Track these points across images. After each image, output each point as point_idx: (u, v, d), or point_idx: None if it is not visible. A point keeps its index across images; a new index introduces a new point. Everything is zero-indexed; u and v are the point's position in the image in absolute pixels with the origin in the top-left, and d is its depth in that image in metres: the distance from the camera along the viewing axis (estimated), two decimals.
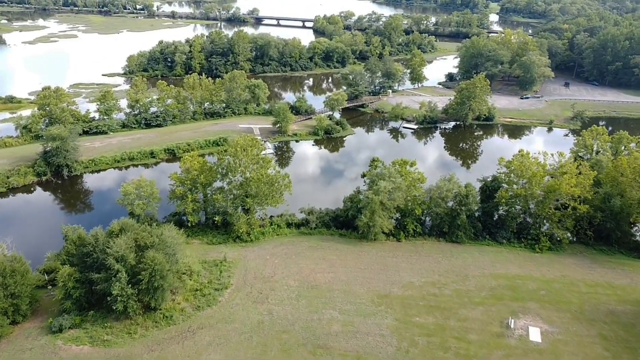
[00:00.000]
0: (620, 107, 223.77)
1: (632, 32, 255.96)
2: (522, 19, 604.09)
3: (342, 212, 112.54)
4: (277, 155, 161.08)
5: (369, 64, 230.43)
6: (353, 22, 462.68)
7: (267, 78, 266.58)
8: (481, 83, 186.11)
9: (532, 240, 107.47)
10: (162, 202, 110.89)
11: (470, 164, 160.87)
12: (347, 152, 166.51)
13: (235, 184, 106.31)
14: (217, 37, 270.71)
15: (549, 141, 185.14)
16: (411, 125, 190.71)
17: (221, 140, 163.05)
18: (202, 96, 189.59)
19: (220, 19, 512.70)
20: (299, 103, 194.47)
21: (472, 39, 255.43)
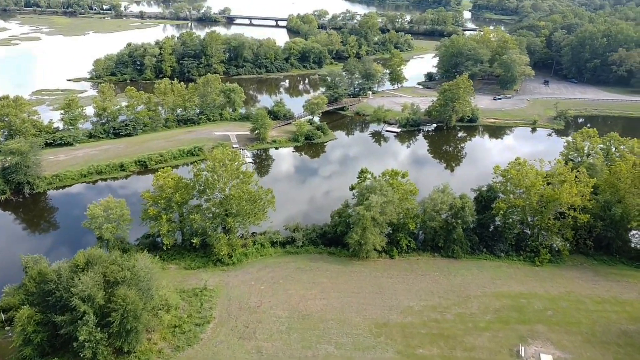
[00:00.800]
0: (601, 105, 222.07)
1: (609, 29, 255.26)
2: (495, 16, 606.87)
3: (330, 228, 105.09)
4: (256, 164, 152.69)
5: (348, 65, 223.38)
6: (327, 20, 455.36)
7: (242, 80, 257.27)
8: (464, 84, 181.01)
9: (532, 253, 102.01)
10: (135, 222, 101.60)
11: (458, 168, 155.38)
12: (330, 159, 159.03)
13: (214, 202, 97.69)
14: (189, 39, 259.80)
15: (534, 142, 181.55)
16: (394, 128, 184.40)
17: (196, 149, 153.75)
18: (175, 102, 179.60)
19: (191, 19, 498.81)
20: (277, 107, 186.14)
21: (451, 38, 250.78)
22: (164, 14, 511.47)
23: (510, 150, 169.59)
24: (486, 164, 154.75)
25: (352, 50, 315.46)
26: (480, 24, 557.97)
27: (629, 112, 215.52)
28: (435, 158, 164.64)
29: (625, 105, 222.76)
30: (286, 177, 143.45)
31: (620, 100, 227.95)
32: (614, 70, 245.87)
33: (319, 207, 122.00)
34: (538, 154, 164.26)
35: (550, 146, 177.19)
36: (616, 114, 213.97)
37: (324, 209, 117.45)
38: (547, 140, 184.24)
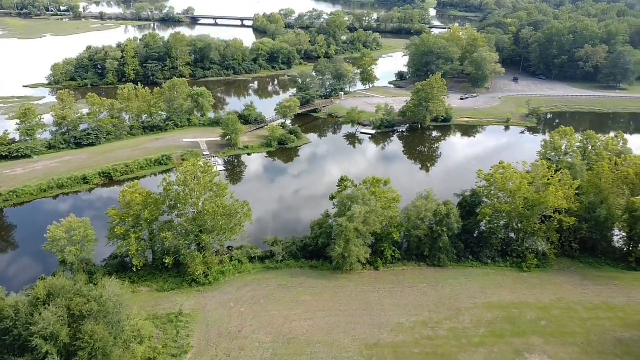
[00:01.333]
0: (570, 101, 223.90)
1: (575, 25, 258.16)
2: (459, 13, 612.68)
3: (310, 240, 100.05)
4: (228, 172, 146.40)
5: (318, 65, 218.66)
6: (294, 19, 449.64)
7: (209, 83, 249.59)
8: (437, 83, 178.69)
9: (518, 258, 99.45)
10: (101, 240, 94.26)
11: (437, 170, 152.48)
12: (305, 164, 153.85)
13: (186, 217, 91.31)
14: (152, 41, 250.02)
15: (508, 140, 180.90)
16: (368, 130, 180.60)
17: (164, 158, 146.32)
18: (139, 108, 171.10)
19: (153, 20, 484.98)
20: (247, 111, 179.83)
21: (421, 36, 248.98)
22: (124, 15, 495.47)
23: (486, 149, 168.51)
24: (464, 165, 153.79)
25: (321, 50, 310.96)
26: (445, 21, 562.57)
27: (597, 107, 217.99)
28: (413, 160, 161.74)
29: (593, 100, 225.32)
30: (261, 186, 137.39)
31: (588, 95, 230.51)
32: (581, 66, 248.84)
33: (298, 217, 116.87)
34: (514, 153, 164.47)
35: (525, 144, 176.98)
36: (585, 109, 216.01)
37: (303, 219, 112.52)
38: (522, 138, 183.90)
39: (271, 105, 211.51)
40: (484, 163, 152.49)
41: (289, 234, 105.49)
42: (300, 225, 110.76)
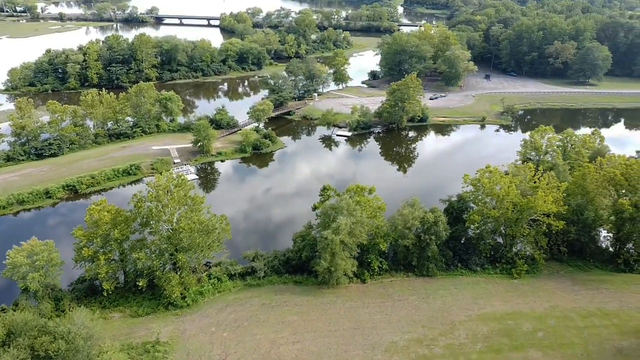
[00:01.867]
0: (543, 98, 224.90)
1: (544, 22, 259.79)
2: (426, 10, 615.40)
3: (293, 254, 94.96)
4: (202, 180, 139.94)
5: (291, 66, 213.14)
6: (262, 19, 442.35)
7: (177, 86, 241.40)
8: (413, 83, 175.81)
9: (507, 264, 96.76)
10: (67, 263, 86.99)
11: (418, 172, 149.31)
12: (282, 170, 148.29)
13: (161, 235, 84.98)
14: (116, 43, 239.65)
15: (486, 139, 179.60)
16: (344, 132, 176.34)
17: (133, 168, 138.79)
18: (105, 115, 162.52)
19: (116, 20, 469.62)
20: (219, 116, 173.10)
21: (393, 35, 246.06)
22: (85, 16, 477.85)
23: (465, 149, 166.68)
24: (445, 166, 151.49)
25: (292, 50, 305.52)
26: (412, 19, 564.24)
27: (569, 103, 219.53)
28: (392, 162, 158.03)
29: (565, 96, 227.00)
30: (237, 195, 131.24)
31: (559, 92, 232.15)
32: (551, 62, 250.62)
33: (278, 229, 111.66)
34: (493, 152, 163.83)
35: (502, 143, 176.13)
36: (557, 106, 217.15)
37: (284, 231, 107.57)
38: (498, 136, 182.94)
39: (243, 108, 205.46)
40: (464, 164, 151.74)
41: (270, 247, 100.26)
42: (281, 237, 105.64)
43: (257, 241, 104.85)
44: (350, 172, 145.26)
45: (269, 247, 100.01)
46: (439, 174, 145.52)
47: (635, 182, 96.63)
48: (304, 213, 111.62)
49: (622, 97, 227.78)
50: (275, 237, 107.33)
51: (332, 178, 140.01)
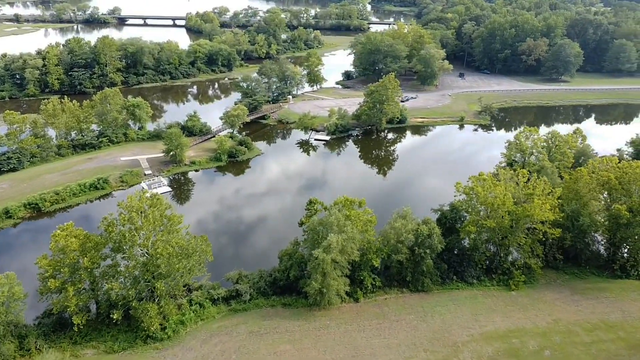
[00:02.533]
0: (518, 96, 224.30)
1: (516, 19, 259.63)
2: (394, 8, 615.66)
3: (280, 274, 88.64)
4: (175, 192, 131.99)
5: (263, 68, 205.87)
6: (229, 18, 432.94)
7: (143, 90, 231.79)
8: (391, 84, 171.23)
9: (504, 275, 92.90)
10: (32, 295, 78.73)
11: (401, 177, 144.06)
12: (260, 180, 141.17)
13: (136, 261, 77.43)
14: (77, 46, 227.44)
15: (466, 140, 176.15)
16: (323, 136, 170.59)
17: (101, 182, 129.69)
18: (68, 124, 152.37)
19: (76, 21, 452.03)
20: (191, 122, 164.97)
21: (367, 34, 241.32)
22: (43, 17, 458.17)
23: (447, 151, 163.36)
24: (430, 169, 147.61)
25: (262, 50, 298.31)
26: (381, 17, 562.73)
27: (544, 101, 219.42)
28: (374, 167, 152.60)
29: (540, 94, 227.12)
30: (214, 209, 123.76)
31: (534, 89, 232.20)
32: (524, 60, 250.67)
33: (262, 245, 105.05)
34: (476, 153, 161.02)
35: (482, 142, 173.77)
36: (534, 104, 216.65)
37: (269, 248, 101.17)
38: (477, 136, 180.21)
39: (216, 112, 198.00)
40: (448, 166, 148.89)
41: (254, 265, 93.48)
42: (266, 254, 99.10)
43: (240, 260, 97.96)
44: (332, 180, 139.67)
45: (253, 266, 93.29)
46: (424, 178, 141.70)
47: (630, 186, 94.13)
48: (289, 227, 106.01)
49: (595, 94, 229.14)
50: (259, 254, 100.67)
51: (314, 187, 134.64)
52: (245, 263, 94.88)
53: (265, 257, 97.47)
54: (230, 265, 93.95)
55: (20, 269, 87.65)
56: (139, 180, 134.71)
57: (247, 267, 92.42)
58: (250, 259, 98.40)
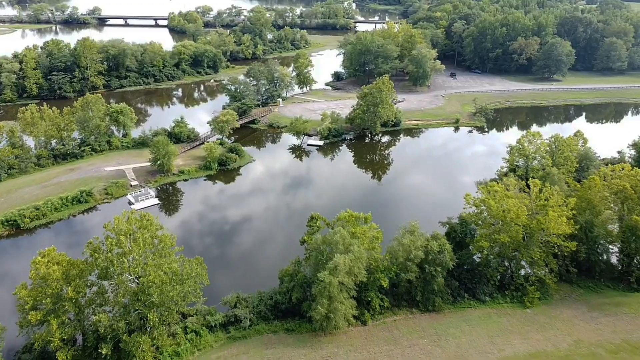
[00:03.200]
0: (511, 96, 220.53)
1: (507, 18, 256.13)
2: (379, 6, 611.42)
3: (282, 296, 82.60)
4: (163, 203, 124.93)
5: (252, 70, 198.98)
6: (213, 17, 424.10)
7: (127, 94, 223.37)
8: (386, 86, 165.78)
9: (517, 291, 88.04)
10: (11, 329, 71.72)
11: (401, 183, 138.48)
12: (253, 189, 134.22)
13: (125, 289, 70.71)
14: (56, 49, 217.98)
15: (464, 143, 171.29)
16: (316, 141, 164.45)
17: (84, 194, 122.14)
18: (47, 132, 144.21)
19: (55, 22, 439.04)
20: (178, 128, 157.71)
21: (357, 34, 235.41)
22: (20, 17, 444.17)
23: (446, 155, 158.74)
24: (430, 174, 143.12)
25: (248, 51, 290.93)
26: (365, 15, 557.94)
27: (538, 101, 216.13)
28: (371, 173, 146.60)
29: (533, 94, 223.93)
30: (205, 223, 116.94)
31: (527, 89, 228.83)
32: (515, 59, 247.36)
33: (259, 263, 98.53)
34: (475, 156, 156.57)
35: (481, 145, 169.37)
36: (528, 104, 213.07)
37: (267, 266, 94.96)
38: (473, 138, 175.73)
39: (203, 116, 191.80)
40: (449, 171, 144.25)
41: (253, 286, 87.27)
42: (264, 273, 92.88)
43: (236, 280, 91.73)
44: (329, 189, 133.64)
45: (251, 287, 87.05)
46: (424, 185, 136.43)
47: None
48: (287, 243, 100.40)
49: (588, 93, 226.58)
50: (257, 273, 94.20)
51: (310, 196, 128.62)
52: (242, 284, 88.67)
53: (264, 276, 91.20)
54: (226, 286, 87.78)
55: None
56: (124, 192, 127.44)
57: (245, 288, 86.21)
58: (248, 279, 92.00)
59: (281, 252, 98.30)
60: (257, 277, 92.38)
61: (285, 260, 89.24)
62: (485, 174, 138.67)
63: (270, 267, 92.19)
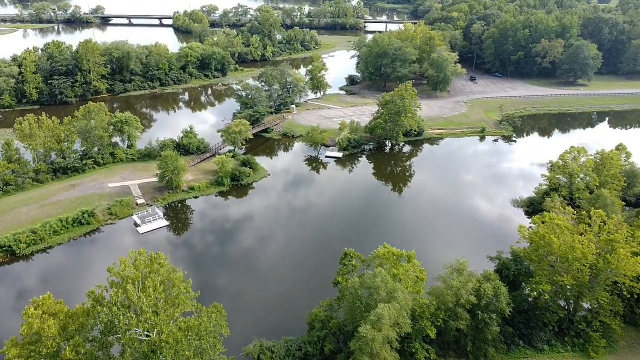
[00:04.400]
0: (536, 101, 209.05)
1: (529, 19, 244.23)
2: (387, 5, 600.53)
3: (312, 347, 71.71)
4: (172, 225, 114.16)
5: (265, 75, 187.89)
6: (219, 17, 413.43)
7: (131, 98, 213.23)
8: (409, 93, 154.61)
9: (578, 337, 77.08)
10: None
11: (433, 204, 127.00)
12: (271, 210, 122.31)
13: (133, 349, 59.93)
14: (57, 51, 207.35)
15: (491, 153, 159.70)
16: (334, 152, 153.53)
17: (86, 216, 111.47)
18: (47, 144, 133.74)
19: (57, 22, 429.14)
20: (187, 139, 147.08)
21: (374, 37, 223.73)
22: (21, 17, 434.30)
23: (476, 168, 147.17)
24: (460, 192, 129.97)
25: (257, 52, 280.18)
26: (373, 14, 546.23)
27: (564, 107, 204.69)
28: (397, 190, 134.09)
29: (559, 100, 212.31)
30: (218, 249, 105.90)
31: (552, 94, 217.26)
32: (538, 62, 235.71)
33: (282, 301, 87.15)
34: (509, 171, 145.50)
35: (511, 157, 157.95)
36: (555, 110, 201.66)
37: (291, 305, 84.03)
38: (503, 149, 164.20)
39: (212, 123, 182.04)
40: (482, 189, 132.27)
41: (277, 331, 76.44)
42: (290, 314, 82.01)
43: (257, 322, 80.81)
44: (353, 210, 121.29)
45: (275, 331, 76.20)
46: (459, 204, 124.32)
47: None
48: (314, 277, 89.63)
49: (617, 99, 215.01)
50: (281, 315, 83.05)
51: (334, 218, 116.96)
52: (264, 327, 77.89)
53: (290, 318, 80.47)
54: (245, 330, 76.93)
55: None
56: (130, 211, 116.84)
57: (268, 333, 75.40)
58: (270, 321, 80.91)
59: (307, 288, 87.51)
60: (281, 319, 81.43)
61: (313, 299, 78.63)
62: (522, 191, 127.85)
63: (296, 306, 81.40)
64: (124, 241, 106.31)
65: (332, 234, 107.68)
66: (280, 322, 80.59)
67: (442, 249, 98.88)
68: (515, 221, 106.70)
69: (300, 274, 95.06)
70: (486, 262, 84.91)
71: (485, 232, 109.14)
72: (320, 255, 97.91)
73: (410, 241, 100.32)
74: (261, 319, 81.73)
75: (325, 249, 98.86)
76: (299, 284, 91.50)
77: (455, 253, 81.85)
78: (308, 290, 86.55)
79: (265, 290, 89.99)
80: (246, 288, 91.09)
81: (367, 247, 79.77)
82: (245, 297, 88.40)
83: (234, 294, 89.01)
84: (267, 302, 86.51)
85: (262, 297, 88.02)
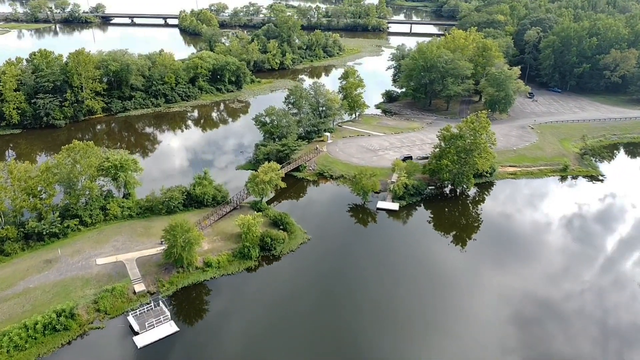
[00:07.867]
0: (614, 126, 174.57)
1: (596, 25, 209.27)
2: (407, 3, 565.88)
3: None
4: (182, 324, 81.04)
5: (294, 97, 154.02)
6: (228, 17, 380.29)
7: (130, 118, 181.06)
8: (481, 125, 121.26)
9: None
10: None
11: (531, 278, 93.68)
12: (321, 297, 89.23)
13: None
14: (44, 62, 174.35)
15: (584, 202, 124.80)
16: (389, 204, 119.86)
17: (63, 317, 78.58)
18: (16, 202, 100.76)
19: (55, 21, 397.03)
20: (200, 188, 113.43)
21: (419, 46, 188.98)
22: (16, 16, 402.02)
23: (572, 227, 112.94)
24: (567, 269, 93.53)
25: (275, 61, 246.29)
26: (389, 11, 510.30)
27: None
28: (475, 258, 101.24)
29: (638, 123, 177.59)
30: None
31: (632, 117, 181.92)
32: (607, 76, 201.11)
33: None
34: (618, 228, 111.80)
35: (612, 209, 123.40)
36: (638, 139, 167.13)
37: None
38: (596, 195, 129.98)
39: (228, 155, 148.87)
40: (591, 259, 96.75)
41: None
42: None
43: None
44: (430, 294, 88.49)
45: None
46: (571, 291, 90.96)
47: None
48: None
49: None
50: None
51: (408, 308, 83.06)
52: None
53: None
54: None
55: None
56: (124, 305, 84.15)
57: None
58: None
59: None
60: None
61: None
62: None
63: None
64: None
65: (412, 333, 74.27)
66: None
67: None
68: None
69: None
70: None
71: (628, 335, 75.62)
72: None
73: (517, 343, 67.06)
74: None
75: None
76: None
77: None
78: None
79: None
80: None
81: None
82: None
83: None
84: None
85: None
